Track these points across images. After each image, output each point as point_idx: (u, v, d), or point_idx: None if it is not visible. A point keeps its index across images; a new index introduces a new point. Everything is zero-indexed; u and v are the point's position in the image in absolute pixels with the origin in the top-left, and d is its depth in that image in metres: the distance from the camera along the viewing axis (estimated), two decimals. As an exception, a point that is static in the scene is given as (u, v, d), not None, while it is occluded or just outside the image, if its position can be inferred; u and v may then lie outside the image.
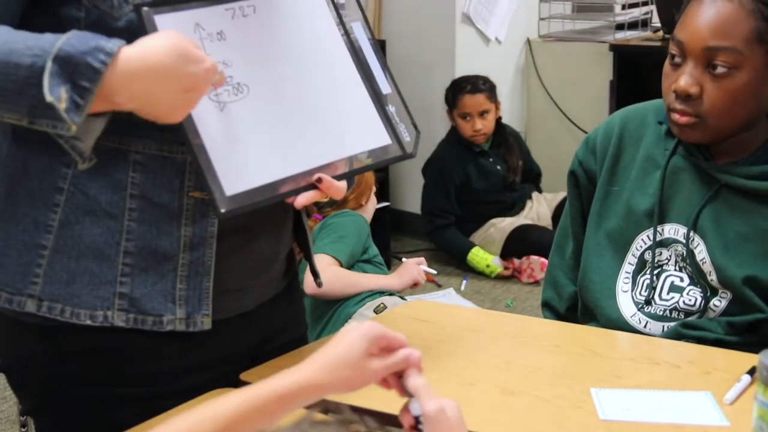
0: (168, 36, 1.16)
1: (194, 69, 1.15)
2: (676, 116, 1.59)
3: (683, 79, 1.57)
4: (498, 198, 4.51)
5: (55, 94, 1.11)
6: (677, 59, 1.59)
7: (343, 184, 1.30)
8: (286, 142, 1.27)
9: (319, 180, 1.27)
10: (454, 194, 4.47)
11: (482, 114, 4.42)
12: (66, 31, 1.18)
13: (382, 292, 2.88)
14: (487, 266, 4.37)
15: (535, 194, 4.61)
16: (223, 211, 1.19)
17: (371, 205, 3.14)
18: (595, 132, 1.78)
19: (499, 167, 4.50)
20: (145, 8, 1.19)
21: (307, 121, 1.30)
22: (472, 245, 4.42)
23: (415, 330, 1.59)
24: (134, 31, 1.18)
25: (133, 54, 1.14)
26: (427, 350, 1.48)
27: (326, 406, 1.08)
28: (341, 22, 1.37)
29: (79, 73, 1.12)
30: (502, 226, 4.41)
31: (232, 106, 1.23)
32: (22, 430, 1.72)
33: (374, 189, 3.16)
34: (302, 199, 1.27)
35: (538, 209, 4.57)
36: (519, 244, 4.31)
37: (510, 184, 4.55)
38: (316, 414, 1.06)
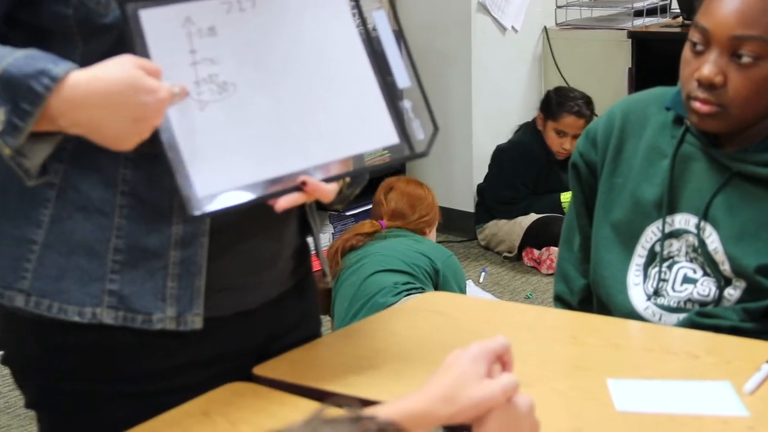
0: (122, 63, 1.12)
1: (145, 99, 1.11)
2: (697, 105, 1.56)
3: (707, 67, 1.53)
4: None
5: None
6: (699, 47, 1.55)
7: (333, 186, 1.26)
8: (273, 143, 1.22)
9: (303, 183, 1.22)
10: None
11: (575, 136, 4.38)
12: (54, 29, 1.17)
13: (416, 289, 2.89)
14: None
15: None
16: (193, 213, 1.15)
17: (432, 236, 3.25)
18: (595, 123, 1.76)
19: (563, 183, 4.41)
20: (131, 4, 1.14)
21: (300, 121, 1.24)
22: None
23: (432, 322, 1.58)
24: (122, 27, 1.15)
25: (80, 80, 1.11)
26: (443, 343, 1.47)
27: (338, 401, 1.06)
28: (359, 12, 1.30)
29: (20, 96, 1.10)
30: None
31: (214, 106, 1.18)
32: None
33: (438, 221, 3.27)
34: (284, 202, 1.21)
35: None
36: (540, 234, 4.27)
37: None
38: (327, 410, 1.04)
